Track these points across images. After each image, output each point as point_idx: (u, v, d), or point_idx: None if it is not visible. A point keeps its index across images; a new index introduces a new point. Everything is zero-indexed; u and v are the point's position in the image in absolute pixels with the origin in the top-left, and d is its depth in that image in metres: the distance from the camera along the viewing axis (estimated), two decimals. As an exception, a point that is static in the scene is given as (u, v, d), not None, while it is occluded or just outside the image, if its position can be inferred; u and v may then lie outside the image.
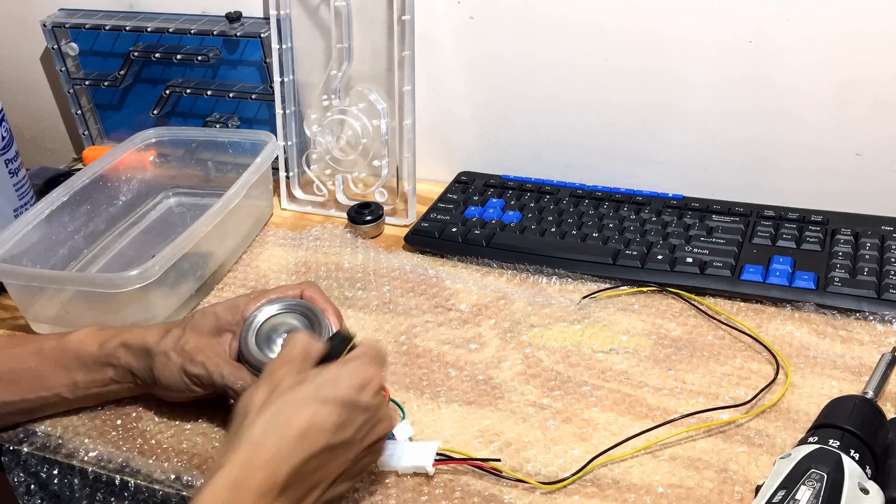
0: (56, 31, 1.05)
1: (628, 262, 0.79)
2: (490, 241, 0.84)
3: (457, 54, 0.95)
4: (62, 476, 0.65)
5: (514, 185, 0.94)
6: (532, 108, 0.95)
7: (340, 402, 0.52)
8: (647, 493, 0.58)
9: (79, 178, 0.87)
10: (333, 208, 0.97)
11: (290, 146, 0.98)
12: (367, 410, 0.53)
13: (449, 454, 0.61)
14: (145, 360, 0.64)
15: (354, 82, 0.93)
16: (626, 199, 0.89)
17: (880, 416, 0.57)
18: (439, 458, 0.60)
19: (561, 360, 0.71)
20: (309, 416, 0.51)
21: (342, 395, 0.52)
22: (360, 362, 0.55)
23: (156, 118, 1.06)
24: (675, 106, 0.89)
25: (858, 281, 0.74)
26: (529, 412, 0.66)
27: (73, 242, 0.86)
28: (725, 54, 0.84)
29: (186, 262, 0.78)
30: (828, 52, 0.81)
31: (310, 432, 0.51)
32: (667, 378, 0.68)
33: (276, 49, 0.93)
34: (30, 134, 1.24)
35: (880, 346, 0.69)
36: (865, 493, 0.50)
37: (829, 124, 0.85)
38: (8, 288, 0.77)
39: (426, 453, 0.60)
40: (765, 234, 0.81)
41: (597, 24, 0.87)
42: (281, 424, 0.51)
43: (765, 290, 0.75)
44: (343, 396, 0.52)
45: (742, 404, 0.64)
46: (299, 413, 0.51)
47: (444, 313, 0.77)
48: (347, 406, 0.52)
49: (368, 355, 0.57)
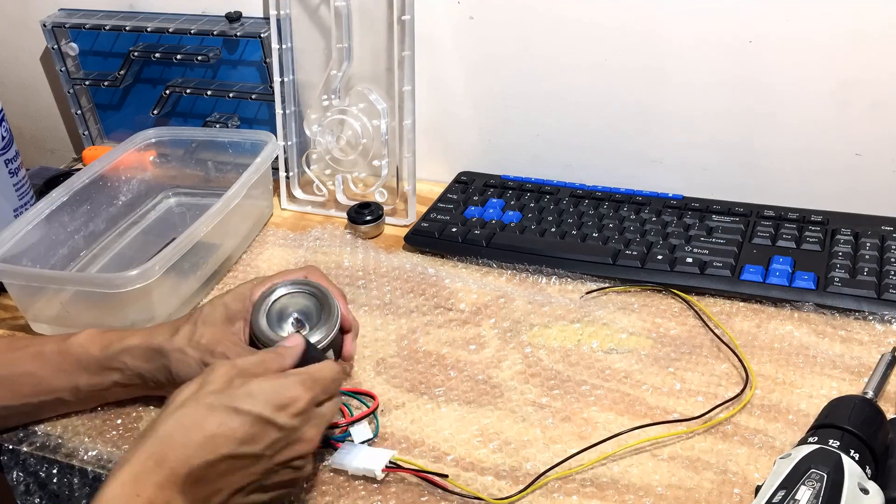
0: (56, 31, 1.05)
1: (628, 262, 0.79)
2: (490, 241, 0.84)
3: (457, 54, 0.95)
4: (61, 476, 0.65)
5: (514, 185, 0.94)
6: (532, 108, 0.95)
7: (253, 416, 0.53)
8: (646, 493, 0.58)
9: (79, 178, 0.87)
10: (333, 208, 0.97)
11: (290, 146, 0.98)
12: (281, 430, 0.54)
13: (401, 463, 0.60)
14: (158, 360, 0.63)
15: (354, 82, 0.93)
16: (626, 199, 0.89)
17: (880, 417, 0.57)
18: (390, 466, 0.60)
19: (560, 360, 0.71)
20: (217, 424, 0.52)
21: (256, 410, 0.53)
22: (291, 381, 0.55)
23: (156, 118, 1.06)
24: (675, 106, 0.89)
25: (858, 281, 0.73)
26: (529, 411, 0.66)
27: (73, 242, 0.86)
28: (725, 54, 0.84)
29: (186, 261, 0.78)
30: (828, 52, 0.81)
31: (215, 439, 0.51)
32: (666, 377, 0.68)
33: (276, 49, 0.93)
34: (30, 134, 1.25)
35: (880, 346, 0.69)
36: (865, 493, 0.50)
37: (829, 124, 0.85)
38: (8, 288, 0.77)
39: (379, 459, 0.60)
40: (765, 234, 0.81)
41: (596, 24, 0.87)
42: (189, 425, 0.52)
43: (765, 290, 0.75)
44: (257, 412, 0.53)
45: (694, 418, 0.63)
46: (210, 418, 0.52)
47: (444, 313, 0.77)
48: (259, 421, 0.53)
49: (306, 376, 0.56)
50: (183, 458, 0.50)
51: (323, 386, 0.57)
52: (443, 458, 0.62)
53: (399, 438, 0.64)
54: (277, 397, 0.54)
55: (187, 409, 0.52)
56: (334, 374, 0.58)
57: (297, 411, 0.54)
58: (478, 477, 0.60)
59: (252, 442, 0.52)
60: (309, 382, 0.56)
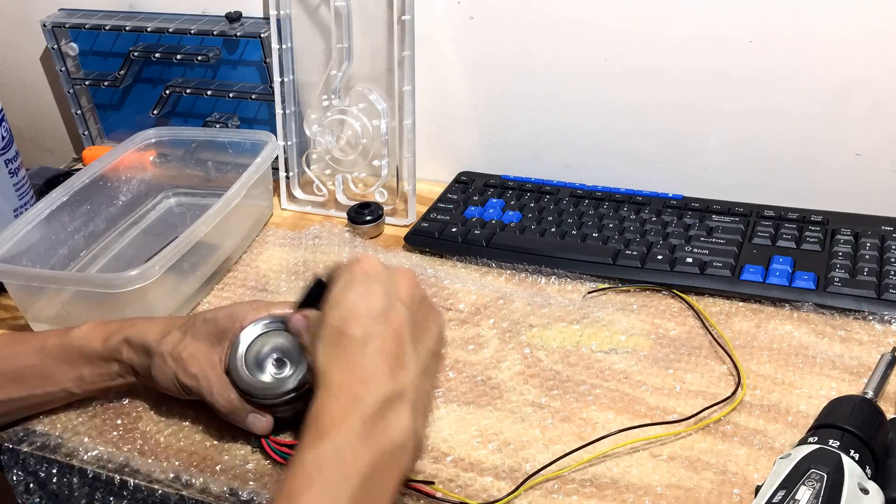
0: (56, 31, 1.05)
1: (628, 262, 0.79)
2: (490, 241, 0.84)
3: (457, 54, 0.95)
4: (61, 475, 0.65)
5: (514, 185, 0.94)
6: (532, 108, 0.95)
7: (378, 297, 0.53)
8: (645, 493, 0.58)
9: (79, 178, 0.87)
10: (333, 208, 0.97)
11: (290, 146, 0.98)
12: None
13: None
14: (146, 357, 0.64)
15: (354, 82, 0.93)
16: (626, 199, 0.89)
17: (880, 416, 0.57)
18: None
19: (560, 360, 0.71)
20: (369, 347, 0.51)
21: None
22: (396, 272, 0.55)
23: (156, 118, 1.06)
24: (675, 106, 0.89)
25: (858, 281, 0.73)
26: (528, 412, 0.66)
27: (73, 242, 0.86)
28: (726, 54, 0.84)
29: (186, 262, 0.78)
30: (828, 52, 0.81)
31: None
32: (666, 378, 0.68)
33: (276, 49, 0.93)
34: (30, 134, 1.25)
35: (880, 346, 0.69)
36: (865, 494, 0.50)
37: (829, 124, 0.85)
38: (8, 288, 0.77)
39: None
40: (765, 234, 0.81)
41: (597, 24, 0.87)
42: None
43: (765, 290, 0.75)
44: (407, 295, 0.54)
45: (686, 419, 0.63)
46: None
47: (443, 313, 0.77)
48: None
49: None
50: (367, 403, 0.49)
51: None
52: (442, 459, 0.62)
53: (399, 438, 0.64)
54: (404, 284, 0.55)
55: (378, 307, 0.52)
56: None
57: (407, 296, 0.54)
58: (477, 478, 0.60)
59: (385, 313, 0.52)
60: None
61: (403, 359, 0.51)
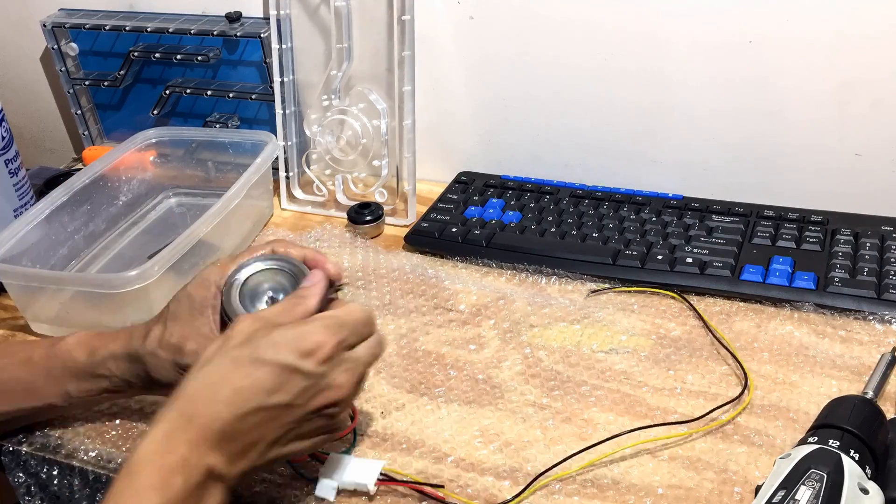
0: (56, 31, 1.05)
1: (628, 262, 0.79)
2: (490, 241, 0.84)
3: (457, 54, 0.95)
4: (62, 476, 0.65)
5: (514, 185, 0.94)
6: (532, 108, 0.95)
7: (278, 365, 0.51)
8: (646, 493, 0.58)
9: (79, 178, 0.87)
10: (333, 208, 0.97)
11: (290, 146, 0.98)
12: (308, 377, 0.52)
13: (393, 475, 0.60)
14: (137, 364, 0.61)
15: (354, 82, 0.93)
16: (626, 199, 0.89)
17: (880, 416, 0.57)
18: (382, 479, 0.59)
19: (561, 360, 0.71)
20: (243, 376, 0.50)
21: (280, 358, 0.51)
22: (314, 326, 0.53)
23: (156, 118, 1.06)
24: (674, 106, 0.89)
25: (858, 281, 0.74)
26: (529, 412, 0.66)
27: (73, 242, 0.86)
28: (725, 54, 0.84)
29: (186, 262, 0.78)
30: (828, 52, 0.81)
31: (242, 392, 0.50)
32: (666, 378, 0.68)
33: (276, 49, 0.93)
34: (30, 134, 1.24)
35: (880, 346, 0.69)
36: (865, 494, 0.50)
37: (828, 124, 0.85)
38: (8, 288, 0.77)
39: (370, 471, 0.59)
40: (765, 235, 0.81)
41: (597, 24, 0.87)
42: (215, 381, 0.51)
43: (765, 290, 0.75)
44: (281, 360, 0.51)
45: (695, 419, 0.63)
46: (235, 371, 0.51)
47: (443, 314, 0.77)
48: (285, 370, 0.51)
49: (330, 320, 0.54)
50: (212, 414, 0.49)
51: (351, 328, 0.54)
52: (443, 460, 0.62)
53: (400, 440, 0.64)
54: (302, 343, 0.52)
55: (212, 366, 0.51)
56: (363, 315, 0.56)
57: (323, 357, 0.52)
58: (478, 478, 0.60)
59: (280, 391, 0.51)
60: (334, 327, 0.53)
61: (252, 451, 0.51)
